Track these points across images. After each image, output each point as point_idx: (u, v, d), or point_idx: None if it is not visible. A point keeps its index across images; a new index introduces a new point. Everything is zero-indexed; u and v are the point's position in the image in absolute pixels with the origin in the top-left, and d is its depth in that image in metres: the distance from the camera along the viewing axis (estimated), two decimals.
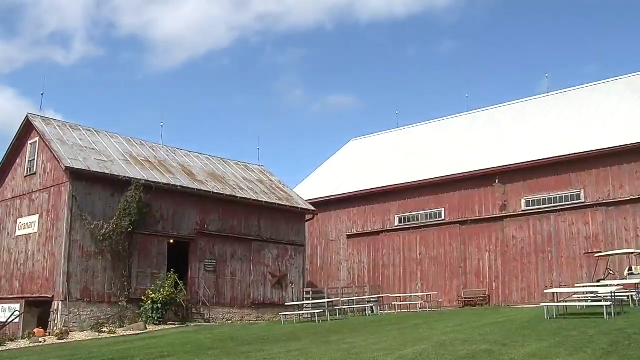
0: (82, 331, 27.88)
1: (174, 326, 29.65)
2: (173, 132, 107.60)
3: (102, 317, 29.59)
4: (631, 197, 34.03)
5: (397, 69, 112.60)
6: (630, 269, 30.72)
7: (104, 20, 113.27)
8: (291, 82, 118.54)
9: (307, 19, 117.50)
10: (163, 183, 33.08)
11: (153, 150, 37.08)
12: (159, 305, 30.00)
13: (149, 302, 30.00)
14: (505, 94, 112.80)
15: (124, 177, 31.56)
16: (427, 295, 38.26)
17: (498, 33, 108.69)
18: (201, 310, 33.28)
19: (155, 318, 29.80)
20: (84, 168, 30.50)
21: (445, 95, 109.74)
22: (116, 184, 31.33)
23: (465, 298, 38.18)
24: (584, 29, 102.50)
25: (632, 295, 25.53)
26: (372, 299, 37.39)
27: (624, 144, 34.48)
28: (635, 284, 27.35)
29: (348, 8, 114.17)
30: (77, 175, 30.29)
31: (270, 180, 41.86)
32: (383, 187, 43.34)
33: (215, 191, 35.42)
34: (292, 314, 32.63)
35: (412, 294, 39.36)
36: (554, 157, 36.64)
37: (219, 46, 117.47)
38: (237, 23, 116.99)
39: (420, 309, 36.48)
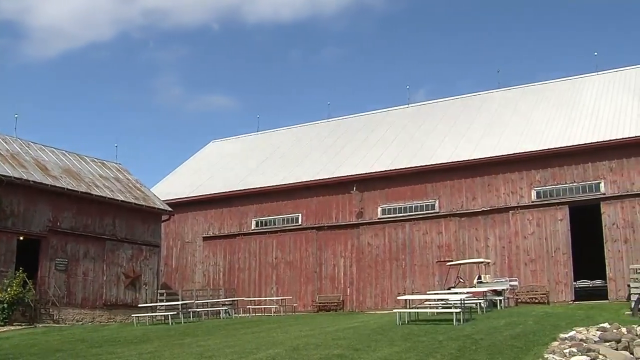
0: None
1: (20, 327, 28.57)
2: (37, 125, 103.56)
3: None
4: (483, 208, 35.34)
5: (277, 72, 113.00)
6: (479, 277, 31.92)
7: None
8: (170, 80, 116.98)
9: (193, 17, 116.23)
10: (14, 177, 31.86)
11: (5, 142, 35.67)
12: (5, 305, 28.86)
13: None
14: (379, 104, 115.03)
15: None
16: (282, 299, 38.41)
17: (382, 44, 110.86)
18: (50, 310, 32.24)
19: (1, 319, 28.64)
20: None
21: (318, 101, 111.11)
22: None
23: (319, 303, 38.52)
24: (462, 45, 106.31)
25: (480, 303, 26.39)
26: (227, 302, 37.22)
27: (478, 157, 35.80)
28: (483, 292, 28.30)
29: (235, 9, 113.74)
30: None
31: (127, 179, 41.08)
32: (241, 190, 43.21)
33: (70, 187, 34.45)
34: (145, 316, 32.13)
35: (267, 298, 39.43)
36: (410, 167, 37.56)
37: (100, 39, 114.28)
38: (122, 16, 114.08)
39: (274, 313, 36.56)
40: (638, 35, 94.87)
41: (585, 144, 33.57)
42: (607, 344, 17.10)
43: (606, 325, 19.42)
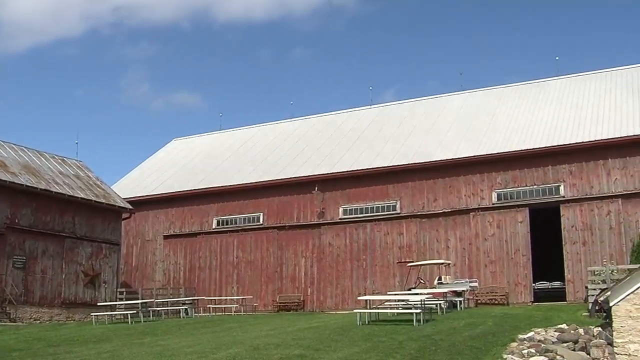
0: None
1: None
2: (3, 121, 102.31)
3: None
4: (444, 210, 35.53)
5: (245, 72, 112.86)
6: (439, 278, 32.09)
7: None
8: (138, 77, 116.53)
9: (163, 15, 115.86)
10: None
11: None
12: None
13: None
14: (347, 104, 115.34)
15: None
16: (242, 299, 38.32)
17: (351, 45, 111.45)
18: (7, 309, 31.78)
19: None
20: None
21: (285, 101, 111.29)
22: None
23: (280, 303, 38.46)
24: (430, 47, 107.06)
25: (440, 304, 26.55)
26: (187, 301, 37.06)
27: (439, 159, 35.99)
28: (443, 292, 28.47)
29: (206, 8, 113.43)
30: None
31: (88, 176, 40.66)
32: (202, 189, 43.02)
33: (29, 184, 34.02)
34: (104, 315, 31.88)
35: (228, 297, 39.31)
36: (372, 168, 37.65)
37: (69, 34, 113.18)
38: (92, 12, 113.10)
39: (235, 312, 36.48)
40: (598, 41, 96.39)
41: (545, 147, 33.92)
42: (565, 344, 17.32)
43: (564, 326, 19.64)
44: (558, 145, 33.69)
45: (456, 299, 29.33)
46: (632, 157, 32.43)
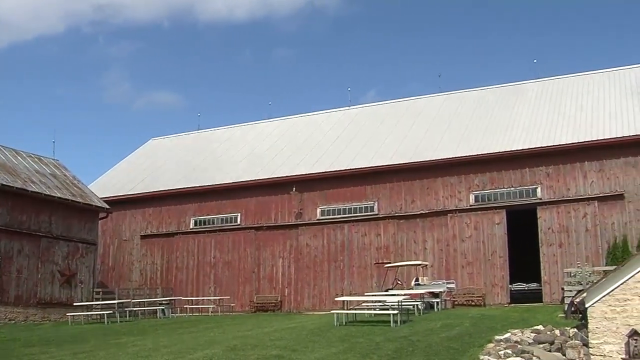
0: None
1: None
2: None
3: None
4: (421, 211, 35.59)
5: (226, 72, 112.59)
6: (417, 279, 32.19)
7: None
8: (119, 76, 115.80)
9: (145, 14, 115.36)
10: None
11: None
12: None
13: None
14: (328, 105, 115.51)
15: None
16: (219, 299, 38.21)
17: (333, 46, 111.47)
18: None
19: None
20: None
21: (265, 102, 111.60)
22: None
23: (257, 303, 38.38)
24: (410, 49, 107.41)
25: (417, 305, 26.63)
26: (164, 301, 36.93)
27: (417, 160, 36.08)
28: (420, 294, 28.55)
29: (188, 7, 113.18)
30: None
31: (65, 175, 40.41)
32: (180, 188, 42.82)
33: (4, 183, 33.76)
34: (81, 315, 31.73)
35: (205, 298, 39.19)
36: (350, 169, 37.65)
37: (49, 32, 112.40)
38: (73, 10, 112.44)
39: (212, 313, 36.37)
40: (577, 43, 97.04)
41: (523, 149, 34.05)
42: (541, 345, 17.42)
43: (540, 327, 19.74)
44: (535, 148, 33.83)
45: (433, 300, 29.43)
46: (608, 159, 32.65)
